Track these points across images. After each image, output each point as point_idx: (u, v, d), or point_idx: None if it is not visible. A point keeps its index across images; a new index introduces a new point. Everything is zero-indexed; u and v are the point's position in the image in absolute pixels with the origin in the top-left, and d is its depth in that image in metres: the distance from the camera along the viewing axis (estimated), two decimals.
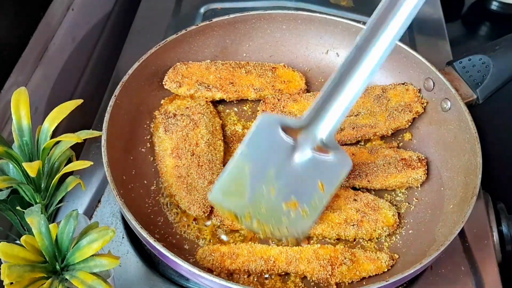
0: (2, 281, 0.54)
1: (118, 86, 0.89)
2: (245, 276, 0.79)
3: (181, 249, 0.82)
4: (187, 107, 0.95)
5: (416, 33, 1.23)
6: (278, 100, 0.97)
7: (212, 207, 0.84)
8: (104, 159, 0.80)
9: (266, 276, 0.80)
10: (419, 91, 0.98)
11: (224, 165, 0.89)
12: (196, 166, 0.87)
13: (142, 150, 0.92)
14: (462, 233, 0.90)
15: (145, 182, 0.89)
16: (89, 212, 0.91)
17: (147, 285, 0.82)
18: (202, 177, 0.86)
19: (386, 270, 0.80)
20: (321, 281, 0.78)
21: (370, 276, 0.80)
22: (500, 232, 0.90)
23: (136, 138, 0.93)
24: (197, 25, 1.01)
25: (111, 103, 0.87)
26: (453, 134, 0.91)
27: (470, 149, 0.86)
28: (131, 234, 0.88)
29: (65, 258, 0.59)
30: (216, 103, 1.00)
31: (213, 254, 0.79)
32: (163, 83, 0.97)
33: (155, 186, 0.89)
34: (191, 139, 0.90)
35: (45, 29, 1.05)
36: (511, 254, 0.90)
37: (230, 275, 0.79)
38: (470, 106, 0.93)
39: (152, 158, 0.92)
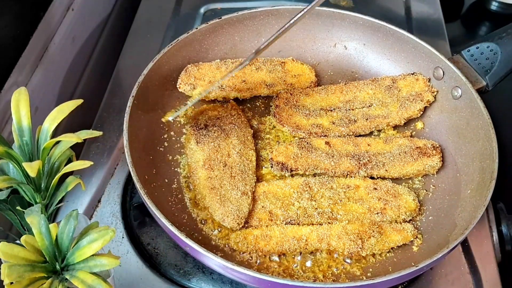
0: (2, 281, 0.54)
1: (135, 86, 0.89)
2: (278, 257, 0.82)
3: (207, 244, 0.83)
4: (218, 118, 0.95)
5: (415, 33, 1.23)
6: (291, 94, 0.98)
7: (246, 220, 0.84)
8: (128, 159, 0.80)
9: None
10: (429, 80, 1.00)
11: (256, 176, 0.89)
12: (229, 177, 0.87)
13: (160, 149, 0.93)
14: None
15: (166, 180, 0.89)
16: (89, 212, 0.91)
17: (147, 285, 0.82)
18: (236, 188, 0.85)
19: (412, 239, 0.83)
20: (353, 254, 0.81)
21: (397, 247, 0.83)
22: (499, 232, 0.91)
23: (153, 138, 0.93)
24: (207, 23, 1.01)
25: (129, 103, 0.87)
26: (466, 121, 0.93)
27: (484, 135, 0.87)
28: (131, 234, 0.88)
29: (65, 258, 0.59)
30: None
31: (246, 238, 0.82)
32: (177, 86, 0.98)
33: (176, 184, 0.89)
34: (223, 150, 0.90)
35: (45, 29, 1.05)
36: (511, 254, 0.90)
37: (263, 257, 0.82)
38: (480, 93, 0.94)
39: (170, 157, 0.92)
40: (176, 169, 0.91)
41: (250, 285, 0.82)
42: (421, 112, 0.98)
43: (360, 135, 0.96)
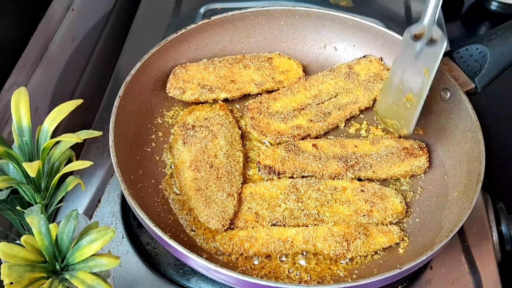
0: (2, 281, 0.54)
1: (122, 87, 0.89)
2: (264, 259, 0.82)
3: (193, 245, 0.82)
4: (206, 118, 0.95)
5: None
6: (260, 103, 0.98)
7: (231, 220, 0.83)
8: (113, 159, 0.80)
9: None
10: (381, 59, 1.02)
11: (243, 176, 0.89)
12: (215, 179, 0.86)
13: (148, 149, 0.93)
14: (461, 233, 0.90)
15: (153, 181, 0.89)
16: (89, 212, 0.91)
17: (147, 285, 0.82)
18: (221, 190, 0.85)
19: (398, 241, 0.83)
20: (338, 256, 0.81)
21: (384, 248, 0.83)
22: (499, 232, 0.90)
23: (140, 138, 0.93)
24: (197, 23, 1.01)
25: (116, 103, 0.87)
26: (454, 123, 0.93)
27: (472, 137, 0.87)
28: (131, 234, 0.88)
29: (65, 258, 0.59)
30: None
31: (232, 239, 0.81)
32: (167, 91, 0.97)
33: (162, 185, 0.89)
34: (209, 151, 0.90)
35: (45, 29, 1.05)
36: (511, 254, 0.90)
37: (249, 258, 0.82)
38: (469, 95, 0.94)
39: (157, 157, 0.92)
40: (163, 170, 0.91)
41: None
42: None
43: (347, 138, 0.96)
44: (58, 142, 0.65)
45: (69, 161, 0.68)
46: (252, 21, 1.05)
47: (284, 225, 0.83)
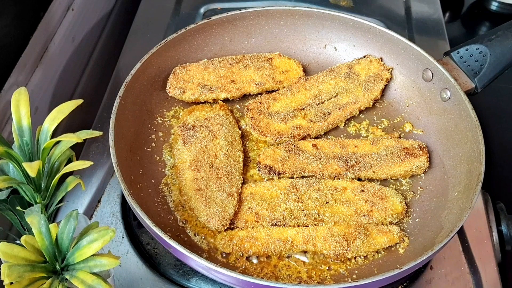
0: (2, 281, 0.54)
1: (122, 87, 0.89)
2: (264, 259, 0.81)
3: (193, 245, 0.82)
4: (206, 118, 0.95)
5: (415, 33, 1.24)
6: (260, 103, 0.98)
7: (231, 220, 0.83)
8: (113, 159, 0.80)
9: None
10: (381, 59, 1.02)
11: (243, 176, 0.89)
12: (215, 179, 0.86)
13: (148, 149, 0.93)
14: (461, 233, 0.90)
15: (153, 181, 0.89)
16: (89, 212, 0.91)
17: (147, 285, 0.83)
18: (221, 190, 0.85)
19: (398, 241, 0.83)
20: (339, 256, 0.81)
21: (384, 248, 0.82)
22: (499, 232, 0.91)
23: (141, 138, 0.93)
24: (197, 23, 1.01)
25: (116, 103, 0.87)
26: (454, 123, 0.93)
27: (472, 137, 0.87)
28: (131, 234, 0.88)
29: (65, 258, 0.59)
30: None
31: (232, 239, 0.81)
32: (167, 91, 0.98)
33: (162, 185, 0.89)
34: (210, 151, 0.90)
35: (45, 29, 1.05)
36: (511, 254, 0.90)
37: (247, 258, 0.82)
38: (469, 95, 0.94)
39: (158, 157, 0.92)
40: (163, 170, 0.91)
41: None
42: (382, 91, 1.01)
43: (347, 138, 0.96)
44: (58, 142, 0.65)
45: (69, 161, 0.68)
46: (252, 21, 1.05)
47: (284, 225, 0.83)
